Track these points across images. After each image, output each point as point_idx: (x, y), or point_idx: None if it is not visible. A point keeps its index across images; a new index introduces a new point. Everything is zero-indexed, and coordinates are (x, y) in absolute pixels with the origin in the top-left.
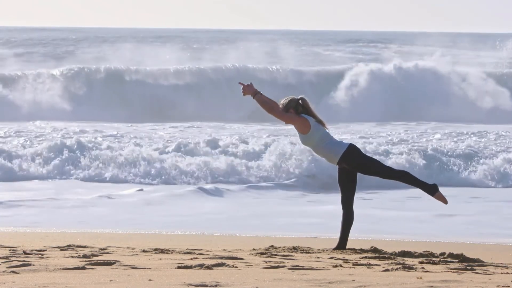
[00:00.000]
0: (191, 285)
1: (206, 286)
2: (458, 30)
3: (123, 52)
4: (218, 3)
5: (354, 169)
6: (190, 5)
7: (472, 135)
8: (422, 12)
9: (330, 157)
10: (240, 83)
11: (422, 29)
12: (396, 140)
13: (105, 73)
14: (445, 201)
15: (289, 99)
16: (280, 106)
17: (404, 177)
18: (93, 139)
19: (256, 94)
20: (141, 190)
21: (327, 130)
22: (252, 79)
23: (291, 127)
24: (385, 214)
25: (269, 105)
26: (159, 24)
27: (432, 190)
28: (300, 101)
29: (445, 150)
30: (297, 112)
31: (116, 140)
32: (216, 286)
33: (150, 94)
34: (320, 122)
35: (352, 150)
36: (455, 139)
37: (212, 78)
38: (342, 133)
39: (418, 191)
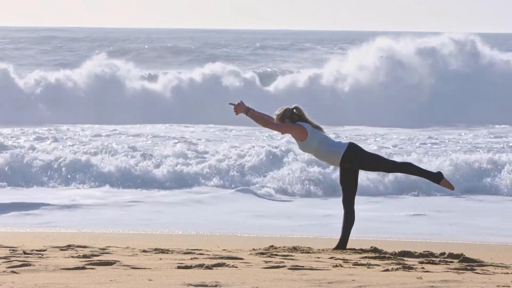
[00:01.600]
0: (191, 285)
1: (206, 286)
2: (459, 30)
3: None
4: (219, 3)
5: (357, 167)
6: (190, 5)
7: None
8: (422, 12)
9: (332, 159)
10: (230, 103)
11: (422, 29)
12: None
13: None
14: (451, 187)
15: (283, 109)
16: (275, 117)
17: (408, 169)
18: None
19: (248, 111)
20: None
21: (325, 134)
22: None
23: (288, 136)
24: (382, 215)
25: (263, 119)
26: (159, 24)
27: (437, 178)
28: (294, 110)
29: None
30: (293, 121)
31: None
32: (216, 286)
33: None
34: (317, 127)
35: (352, 149)
36: None
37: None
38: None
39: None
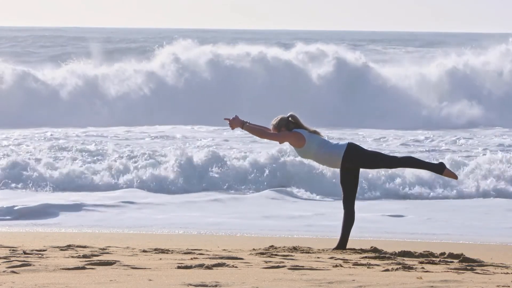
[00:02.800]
0: (191, 285)
1: (206, 286)
2: (459, 30)
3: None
4: (220, 3)
5: (359, 166)
6: (191, 5)
7: None
8: (422, 12)
9: (333, 161)
10: (225, 119)
11: (422, 29)
12: None
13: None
14: (455, 177)
15: (279, 118)
16: (271, 127)
17: (410, 162)
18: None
19: (244, 125)
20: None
21: (322, 137)
22: None
23: (287, 145)
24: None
25: (259, 131)
26: (160, 24)
27: (440, 169)
28: (290, 118)
29: None
30: (289, 129)
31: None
32: (216, 286)
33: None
34: (314, 132)
35: (352, 149)
36: None
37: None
38: None
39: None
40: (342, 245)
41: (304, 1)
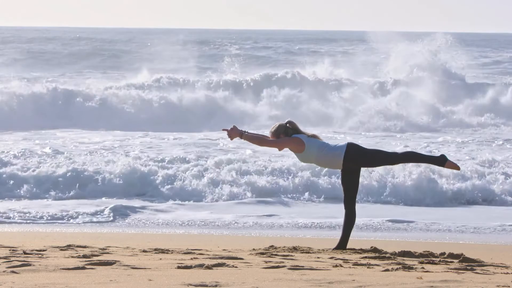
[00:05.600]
0: (191, 285)
1: (206, 286)
2: (459, 30)
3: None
4: (220, 3)
5: (360, 165)
6: (193, 5)
7: None
8: (422, 12)
9: (334, 162)
10: (223, 129)
11: (423, 29)
12: None
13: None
14: (457, 168)
15: (277, 125)
16: (269, 134)
17: (411, 157)
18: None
19: (242, 134)
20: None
21: (321, 140)
22: None
23: (287, 151)
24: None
25: (258, 139)
26: (160, 24)
27: (442, 161)
28: (287, 125)
29: None
30: (287, 135)
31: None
32: (216, 286)
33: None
34: (313, 136)
35: (352, 148)
36: None
37: None
38: None
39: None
40: (342, 245)
41: (304, 1)
